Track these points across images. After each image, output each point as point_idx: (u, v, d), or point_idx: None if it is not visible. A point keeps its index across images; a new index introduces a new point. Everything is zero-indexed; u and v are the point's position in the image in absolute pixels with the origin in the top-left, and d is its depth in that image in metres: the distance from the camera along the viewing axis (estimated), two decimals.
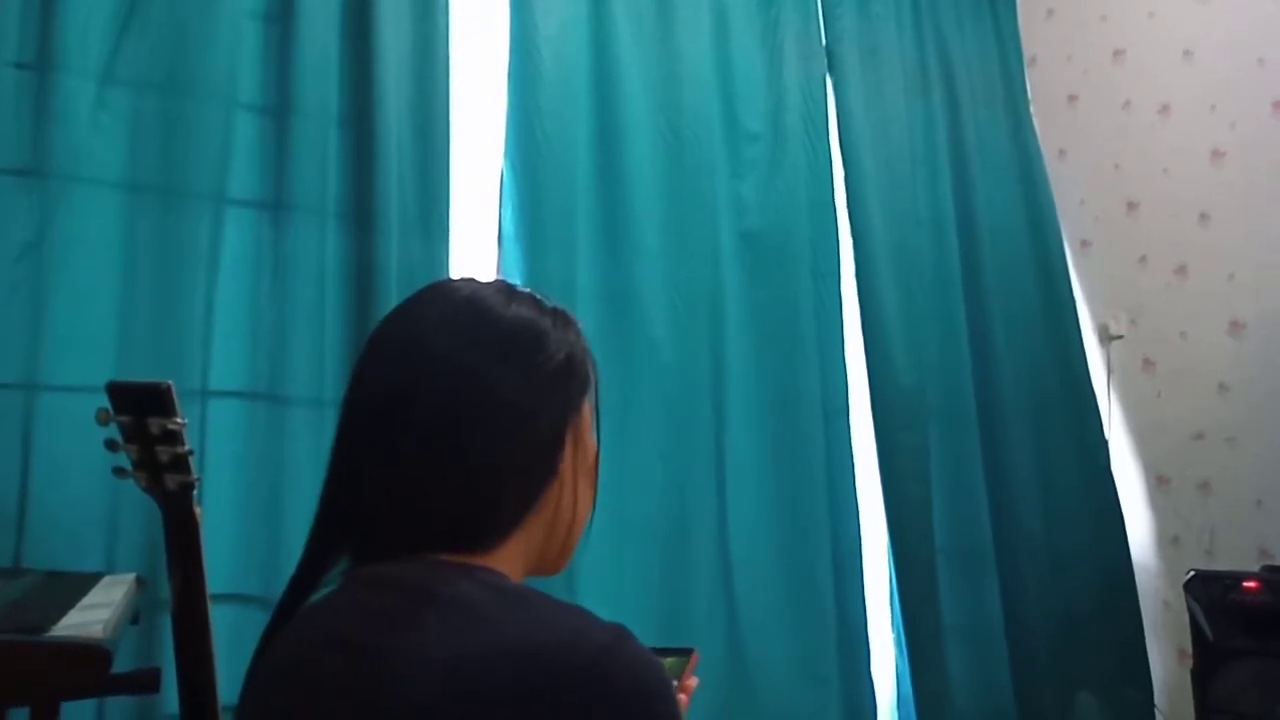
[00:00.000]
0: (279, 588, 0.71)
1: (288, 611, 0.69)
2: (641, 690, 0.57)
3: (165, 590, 1.18)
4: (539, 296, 0.74)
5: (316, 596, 0.69)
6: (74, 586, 1.27)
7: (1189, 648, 2.20)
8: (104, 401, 1.12)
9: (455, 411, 0.65)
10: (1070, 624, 2.57)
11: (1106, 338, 2.80)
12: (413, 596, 0.61)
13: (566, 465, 0.70)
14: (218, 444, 1.68)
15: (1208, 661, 2.11)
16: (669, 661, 0.86)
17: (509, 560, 0.67)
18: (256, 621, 1.62)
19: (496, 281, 0.74)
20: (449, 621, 0.58)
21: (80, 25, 1.65)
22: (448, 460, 0.65)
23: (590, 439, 0.74)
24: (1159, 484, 2.67)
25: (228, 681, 1.13)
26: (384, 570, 0.64)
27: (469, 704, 0.54)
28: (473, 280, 0.73)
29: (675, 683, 0.84)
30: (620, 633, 0.59)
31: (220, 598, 1.30)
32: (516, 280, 2.02)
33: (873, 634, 2.35)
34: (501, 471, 0.66)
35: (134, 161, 1.69)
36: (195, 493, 1.15)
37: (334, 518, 0.69)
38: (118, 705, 1.56)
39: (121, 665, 1.09)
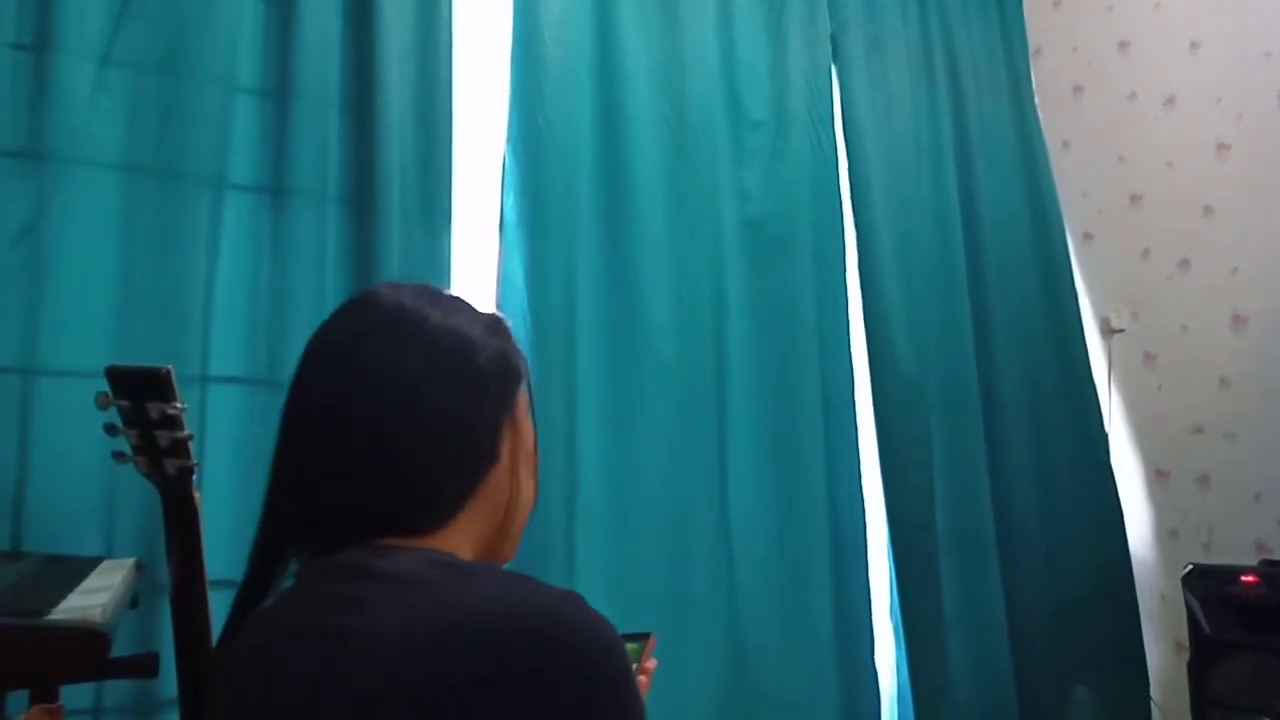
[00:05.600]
0: None
1: (239, 619, 0.70)
2: (594, 648, 0.59)
3: (164, 575, 1.18)
4: (468, 302, 0.76)
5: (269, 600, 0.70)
6: (73, 570, 1.26)
7: (1185, 641, 2.20)
8: (103, 386, 1.11)
9: (390, 424, 0.67)
10: (1067, 616, 2.58)
11: (1108, 331, 2.80)
12: (363, 577, 0.62)
13: (506, 450, 0.72)
14: (217, 429, 1.68)
15: (1204, 655, 2.12)
16: (628, 647, 0.89)
17: (456, 542, 0.69)
18: None
19: (424, 287, 0.75)
20: (400, 598, 0.60)
21: (79, 6, 1.63)
22: (387, 466, 0.67)
23: (527, 425, 0.76)
24: (1158, 477, 2.67)
25: None
26: (333, 559, 0.65)
27: (427, 677, 0.56)
28: (400, 288, 0.75)
29: (635, 665, 0.86)
30: (569, 595, 0.61)
31: (219, 583, 1.30)
32: (519, 268, 2.02)
33: (876, 623, 2.35)
34: (441, 468, 0.68)
35: (133, 144, 1.68)
36: (194, 477, 1.15)
37: (280, 522, 0.70)
38: (116, 689, 1.56)
39: (120, 649, 1.09)
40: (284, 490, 0.70)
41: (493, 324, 0.75)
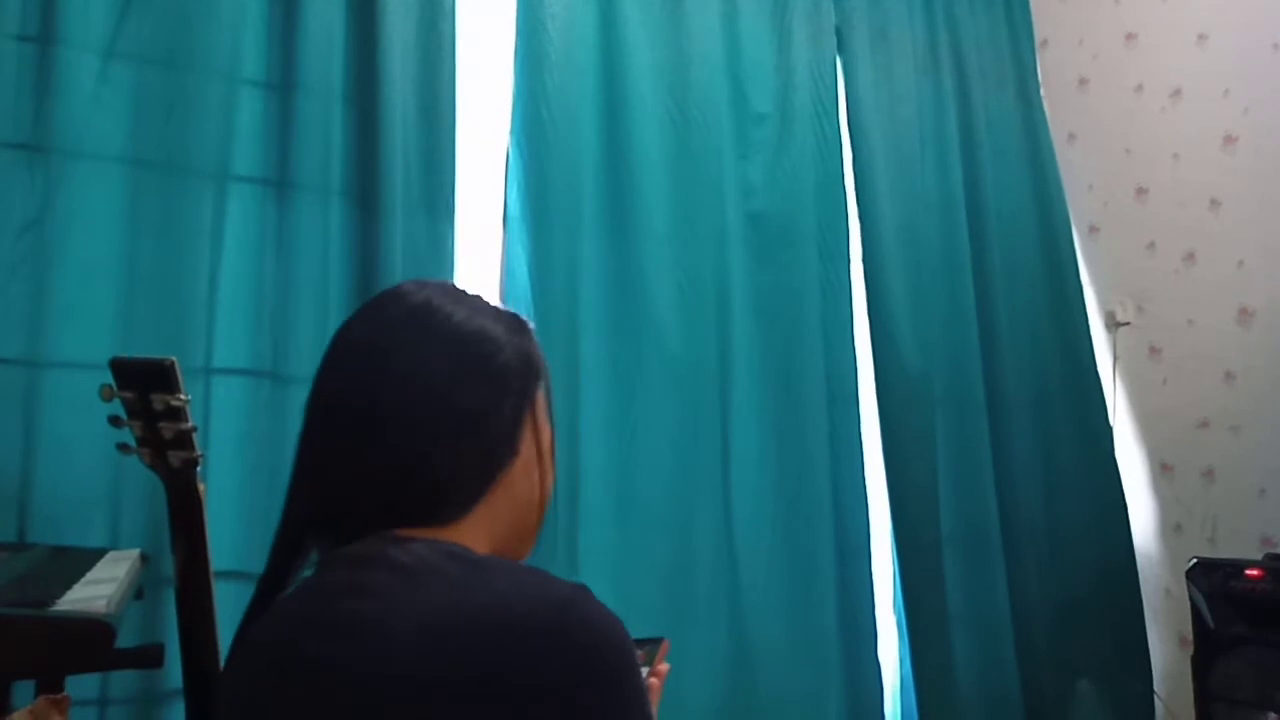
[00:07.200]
0: None
1: (259, 608, 0.70)
2: (602, 644, 0.59)
3: (169, 566, 1.18)
4: (490, 301, 0.78)
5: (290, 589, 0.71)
6: (78, 562, 1.27)
7: (1190, 635, 2.20)
8: (107, 377, 1.11)
9: (417, 420, 0.69)
10: (1071, 610, 2.57)
11: (1113, 324, 2.79)
12: (378, 567, 0.63)
13: (526, 444, 0.74)
14: (221, 421, 1.68)
15: (1208, 649, 2.11)
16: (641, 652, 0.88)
17: (472, 535, 0.69)
18: None
19: (447, 286, 0.77)
20: (414, 589, 0.61)
21: None
22: (411, 461, 0.68)
23: (545, 422, 0.78)
24: (1163, 471, 2.66)
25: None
26: (349, 549, 0.67)
27: (439, 668, 0.57)
28: (426, 285, 0.76)
29: (647, 669, 0.87)
30: (581, 590, 0.62)
31: (223, 574, 1.30)
32: (522, 262, 2.02)
33: (880, 619, 2.35)
34: (463, 462, 0.70)
35: (137, 137, 1.68)
36: (199, 469, 1.15)
37: (301, 514, 0.72)
38: (121, 680, 1.57)
39: (125, 640, 1.09)
40: (306, 483, 0.72)
41: (514, 323, 0.77)
